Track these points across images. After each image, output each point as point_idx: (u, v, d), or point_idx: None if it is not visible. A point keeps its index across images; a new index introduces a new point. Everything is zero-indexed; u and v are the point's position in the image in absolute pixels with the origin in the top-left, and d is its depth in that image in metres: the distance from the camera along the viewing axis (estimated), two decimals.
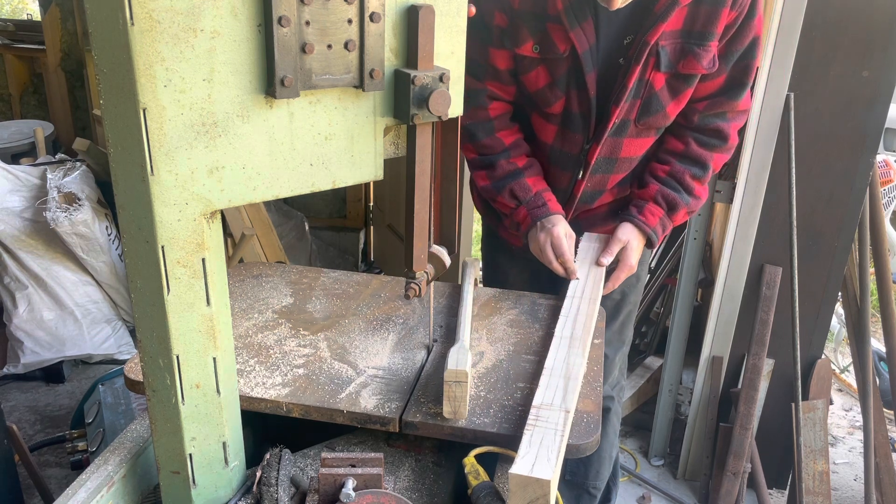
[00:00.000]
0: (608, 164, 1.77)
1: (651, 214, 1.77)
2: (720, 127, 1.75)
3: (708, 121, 1.75)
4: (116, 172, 0.88)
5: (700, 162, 1.76)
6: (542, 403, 1.14)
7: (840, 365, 3.65)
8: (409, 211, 1.13)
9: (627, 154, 1.76)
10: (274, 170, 0.95)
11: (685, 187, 1.77)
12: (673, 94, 1.67)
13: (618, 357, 2.07)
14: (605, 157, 1.75)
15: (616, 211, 1.89)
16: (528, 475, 0.95)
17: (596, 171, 1.77)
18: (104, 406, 2.19)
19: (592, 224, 1.91)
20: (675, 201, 1.76)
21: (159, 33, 0.80)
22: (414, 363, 1.40)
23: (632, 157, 1.77)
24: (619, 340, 2.04)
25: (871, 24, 2.21)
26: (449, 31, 1.03)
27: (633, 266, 1.76)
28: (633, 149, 1.75)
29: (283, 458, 1.09)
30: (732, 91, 1.71)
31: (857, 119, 2.31)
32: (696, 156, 1.77)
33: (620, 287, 1.89)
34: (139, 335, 0.97)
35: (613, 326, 2.01)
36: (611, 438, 2.13)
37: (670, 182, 1.77)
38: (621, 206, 1.89)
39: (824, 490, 2.52)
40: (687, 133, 1.77)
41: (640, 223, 1.76)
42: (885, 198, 3.77)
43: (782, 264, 2.48)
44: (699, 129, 1.76)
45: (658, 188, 1.77)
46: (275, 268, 1.82)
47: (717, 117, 1.75)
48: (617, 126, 1.69)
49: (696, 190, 1.78)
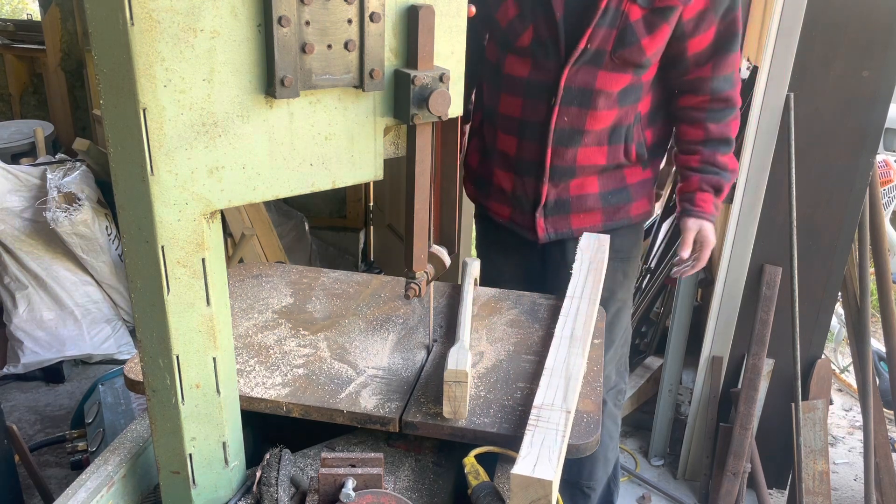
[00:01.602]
0: (584, 96, 1.78)
1: (703, 202, 1.87)
2: (729, 95, 1.83)
3: (720, 88, 1.81)
4: (116, 172, 0.88)
5: (723, 139, 1.86)
6: (543, 404, 1.14)
7: (840, 365, 3.65)
8: (409, 211, 1.13)
9: (603, 86, 1.77)
10: (274, 170, 0.95)
11: (720, 166, 1.87)
12: (649, 29, 1.70)
13: (606, 357, 2.03)
14: (581, 87, 1.77)
15: (608, 198, 1.90)
16: (530, 475, 0.95)
17: (570, 100, 1.79)
18: (104, 406, 2.19)
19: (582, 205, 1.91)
20: (719, 182, 1.87)
21: (159, 33, 0.80)
22: (414, 363, 1.40)
23: (608, 92, 1.77)
24: (608, 339, 2.03)
25: (871, 24, 2.21)
26: (449, 31, 1.03)
27: (712, 241, 1.89)
28: (609, 82, 1.77)
29: (283, 458, 1.09)
30: (728, 42, 1.77)
31: (857, 119, 2.30)
32: (717, 136, 1.86)
33: (606, 284, 1.91)
34: (139, 335, 0.97)
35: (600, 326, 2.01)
36: (603, 440, 2.12)
37: (707, 168, 1.87)
38: (612, 193, 1.90)
39: (824, 490, 2.52)
40: (701, 118, 1.85)
41: (698, 213, 1.88)
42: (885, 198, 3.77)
43: (782, 264, 2.48)
44: (713, 102, 1.83)
45: (699, 178, 1.87)
46: (275, 268, 1.82)
47: (725, 82, 1.81)
48: (591, 54, 1.73)
49: (730, 164, 1.89)
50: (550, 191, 1.90)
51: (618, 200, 1.92)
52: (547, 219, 1.94)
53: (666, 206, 3.54)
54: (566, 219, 1.93)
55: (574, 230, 1.94)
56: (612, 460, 2.21)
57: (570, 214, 1.92)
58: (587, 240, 1.78)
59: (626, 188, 1.92)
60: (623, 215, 1.94)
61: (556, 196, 1.91)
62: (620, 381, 2.16)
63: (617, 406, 2.17)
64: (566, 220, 1.93)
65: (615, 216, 1.94)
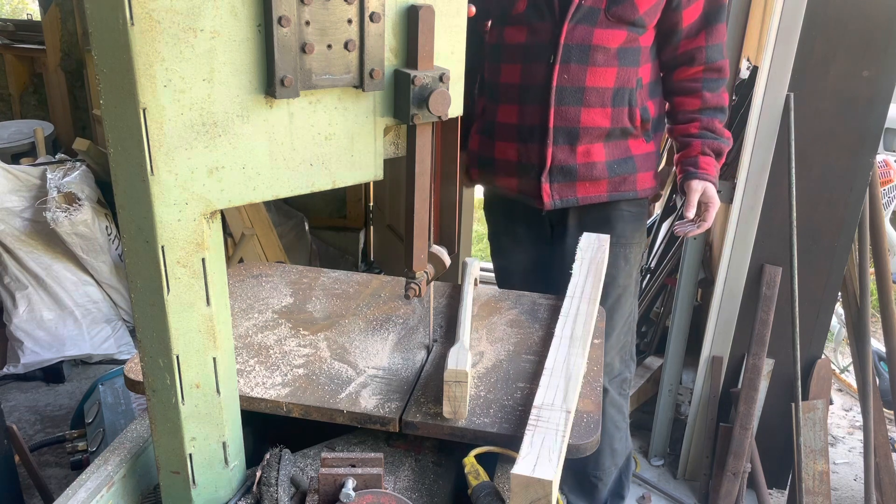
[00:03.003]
0: (582, 52, 1.83)
1: (707, 165, 1.91)
2: (721, 64, 1.90)
3: (713, 57, 1.88)
4: (116, 172, 0.88)
5: (719, 107, 1.93)
6: (543, 404, 1.14)
7: (840, 365, 3.65)
8: (409, 211, 1.13)
9: (600, 42, 1.82)
10: (274, 170, 0.95)
11: (719, 132, 1.93)
12: None
13: (608, 344, 2.04)
14: (579, 43, 1.83)
15: (613, 168, 1.93)
16: (530, 475, 0.95)
17: (569, 57, 1.83)
18: (104, 406, 2.19)
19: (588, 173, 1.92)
20: (719, 147, 1.92)
21: (159, 33, 0.80)
22: (414, 363, 1.40)
23: (605, 48, 1.82)
24: (610, 325, 2.03)
25: (871, 24, 2.21)
26: (449, 31, 1.03)
27: (717, 202, 1.92)
28: (605, 38, 1.82)
29: (283, 458, 1.09)
30: (717, 11, 1.86)
31: (857, 119, 2.30)
32: (713, 104, 1.92)
33: (608, 270, 1.92)
34: (139, 335, 0.97)
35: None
36: (608, 430, 2.14)
37: (707, 134, 1.92)
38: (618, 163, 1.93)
39: (824, 490, 2.52)
40: (697, 87, 1.91)
41: (702, 175, 1.90)
42: (885, 198, 3.77)
43: (782, 264, 2.48)
44: (707, 72, 1.90)
45: (700, 142, 1.92)
46: (275, 268, 1.82)
47: (716, 52, 1.89)
48: (586, 11, 1.80)
49: (726, 133, 1.95)
50: (556, 154, 1.91)
51: (623, 170, 1.94)
52: (553, 185, 1.95)
53: (666, 205, 3.54)
54: (572, 186, 1.95)
55: (579, 198, 1.96)
56: (620, 451, 2.21)
57: (576, 182, 1.94)
58: (587, 240, 1.78)
59: (632, 158, 1.95)
60: (629, 187, 1.96)
61: (562, 162, 1.92)
62: (625, 370, 2.16)
63: (622, 395, 2.17)
64: (572, 187, 1.95)
65: (621, 187, 1.95)
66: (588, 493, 2.22)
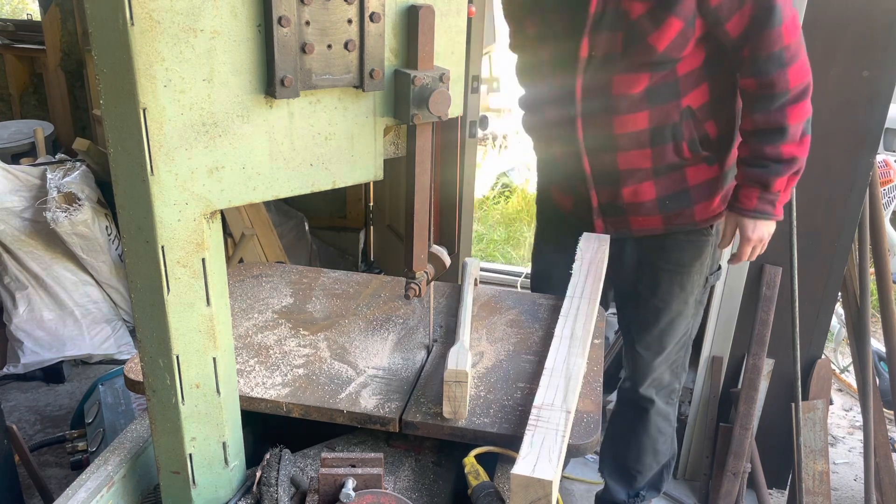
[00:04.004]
0: (603, 103, 1.77)
1: (746, 198, 1.80)
2: (774, 79, 1.67)
3: (763, 70, 1.67)
4: (116, 172, 0.88)
5: (772, 128, 1.72)
6: (543, 404, 1.14)
7: (840, 365, 3.64)
8: (409, 211, 1.13)
9: (620, 91, 1.74)
10: (274, 170, 0.95)
11: (769, 158, 1.74)
12: (654, 24, 1.64)
13: (657, 361, 2.07)
14: (598, 95, 1.77)
15: (665, 204, 1.88)
16: (530, 476, 0.95)
17: (591, 109, 1.78)
18: (104, 406, 2.19)
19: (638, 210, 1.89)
20: (764, 177, 1.76)
21: (159, 33, 0.80)
22: (414, 363, 1.40)
23: (627, 95, 1.75)
24: (659, 345, 2.05)
25: (871, 24, 2.21)
26: (449, 31, 1.03)
27: (752, 237, 1.84)
28: (624, 85, 1.74)
29: (283, 458, 1.09)
30: (762, 17, 1.62)
31: (857, 119, 2.30)
32: (763, 125, 1.73)
33: (663, 295, 1.97)
34: (139, 335, 0.97)
35: (653, 331, 2.03)
36: (652, 434, 2.19)
37: (752, 161, 1.77)
38: (670, 198, 1.87)
39: (824, 490, 2.52)
40: (749, 107, 1.75)
41: (738, 209, 1.82)
42: (885, 198, 3.76)
43: (782, 264, 2.48)
44: (759, 88, 1.70)
45: (744, 172, 1.80)
46: (275, 268, 1.82)
47: (768, 63, 1.66)
48: (601, 61, 1.72)
49: (785, 153, 1.74)
50: (601, 195, 1.89)
51: (677, 206, 1.87)
52: (605, 220, 1.94)
53: None
54: (624, 220, 1.92)
55: (633, 231, 1.94)
56: (663, 452, 2.25)
57: (628, 217, 1.91)
58: (587, 240, 1.78)
59: (687, 191, 1.86)
60: (685, 220, 1.89)
61: (609, 200, 1.90)
62: (675, 381, 2.18)
63: (669, 404, 2.20)
64: (624, 221, 1.93)
65: (676, 220, 1.90)
66: (626, 480, 2.28)
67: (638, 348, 2.07)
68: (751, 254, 1.88)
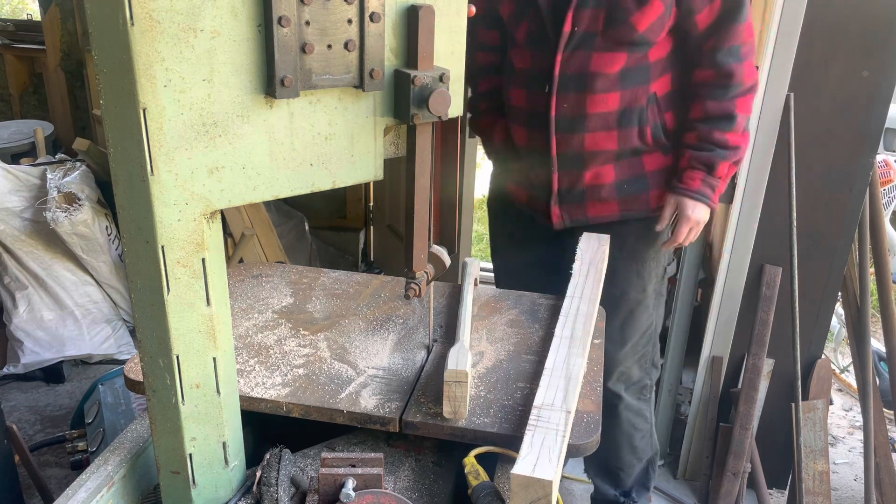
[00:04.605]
0: (580, 81, 1.79)
1: (690, 179, 1.85)
2: (732, 69, 1.77)
3: (723, 61, 1.76)
4: (116, 172, 0.88)
5: (723, 115, 1.81)
6: (543, 404, 1.14)
7: (840, 365, 3.64)
8: (409, 211, 1.13)
9: (598, 69, 1.77)
10: (274, 170, 0.95)
11: (716, 143, 1.82)
12: (638, 4, 1.70)
13: (621, 354, 2.07)
14: (575, 72, 1.79)
15: (623, 188, 1.91)
16: (530, 476, 0.95)
17: (566, 86, 1.80)
18: (104, 406, 2.19)
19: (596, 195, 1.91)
20: (710, 160, 1.83)
21: (159, 33, 0.80)
22: (414, 363, 1.40)
23: (604, 74, 1.77)
24: (621, 336, 2.05)
25: (871, 24, 2.21)
26: (449, 31, 1.03)
27: (691, 217, 1.87)
28: (603, 64, 1.77)
29: (283, 458, 1.09)
30: (731, 12, 1.73)
31: (857, 119, 2.30)
32: (716, 113, 1.81)
33: (620, 284, 1.96)
34: (139, 335, 0.97)
35: (614, 322, 2.02)
36: (625, 430, 2.19)
37: (701, 145, 1.84)
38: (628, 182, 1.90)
39: (824, 490, 2.52)
40: (704, 94, 1.82)
41: (680, 189, 1.86)
42: (885, 198, 3.77)
43: (782, 264, 2.48)
44: (717, 77, 1.79)
45: (690, 154, 1.85)
46: (275, 268, 1.82)
47: (728, 55, 1.76)
48: (581, 37, 1.75)
49: (731, 141, 1.83)
50: (562, 179, 1.91)
51: (634, 189, 1.91)
52: (562, 207, 1.95)
53: None
54: (581, 207, 1.94)
55: (590, 218, 1.95)
56: (642, 448, 2.26)
57: (586, 203, 1.93)
58: (587, 240, 1.78)
59: (644, 176, 1.91)
60: (641, 205, 1.94)
61: (569, 185, 1.92)
62: (645, 377, 2.19)
63: (641, 399, 2.21)
64: (581, 208, 1.95)
65: (632, 206, 1.94)
66: (612, 479, 2.29)
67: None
68: (686, 236, 1.91)
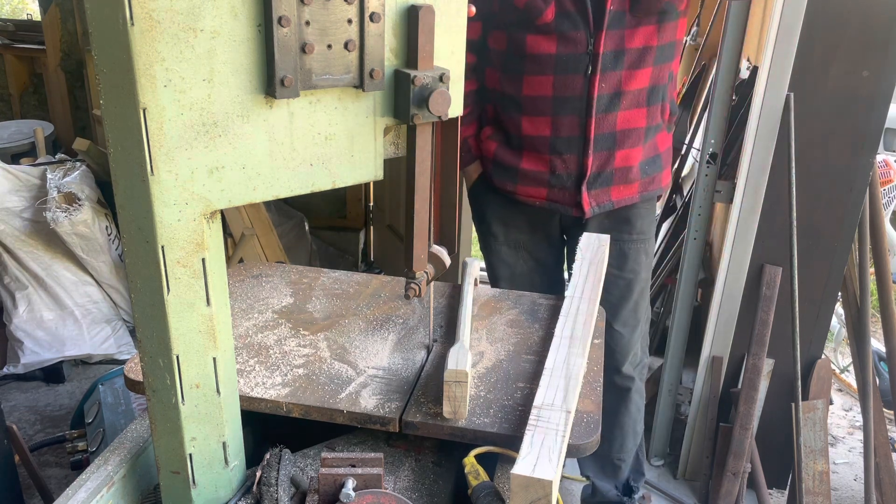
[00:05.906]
0: (617, 59, 1.79)
1: None
2: None
3: None
4: (116, 172, 0.88)
5: None
6: (543, 404, 1.14)
7: (840, 365, 3.64)
8: (409, 211, 1.13)
9: (632, 45, 1.78)
10: (274, 170, 0.95)
11: None
12: None
13: (635, 336, 2.10)
14: (612, 50, 1.79)
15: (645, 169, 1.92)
16: (530, 476, 0.95)
17: (606, 66, 1.79)
18: (104, 406, 2.19)
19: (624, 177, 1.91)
20: None
21: (159, 33, 0.80)
22: (414, 363, 1.40)
23: (639, 48, 1.79)
24: (635, 319, 2.08)
25: (871, 24, 2.21)
26: (449, 31, 1.03)
27: None
28: (636, 39, 1.78)
29: (283, 458, 1.09)
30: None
31: (857, 119, 2.30)
32: None
33: (632, 266, 2.00)
34: (139, 335, 0.97)
35: (628, 305, 2.04)
36: (633, 414, 2.21)
37: None
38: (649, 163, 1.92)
39: (824, 490, 2.52)
40: None
41: None
42: (885, 198, 3.77)
43: (782, 264, 2.48)
44: None
45: None
46: (275, 268, 1.82)
47: None
48: (615, 16, 1.75)
49: None
50: (595, 162, 1.90)
51: (653, 170, 1.94)
52: (591, 192, 1.94)
53: (666, 206, 3.55)
54: (607, 192, 1.94)
55: (614, 202, 1.96)
56: (638, 432, 2.29)
57: (612, 187, 1.93)
58: (587, 240, 1.78)
59: (659, 156, 1.94)
60: (655, 186, 1.96)
61: (600, 168, 1.91)
62: (644, 357, 2.22)
63: (642, 379, 2.24)
64: (607, 192, 1.95)
65: (649, 186, 1.96)
66: (612, 474, 2.30)
67: (616, 327, 2.08)
68: None
